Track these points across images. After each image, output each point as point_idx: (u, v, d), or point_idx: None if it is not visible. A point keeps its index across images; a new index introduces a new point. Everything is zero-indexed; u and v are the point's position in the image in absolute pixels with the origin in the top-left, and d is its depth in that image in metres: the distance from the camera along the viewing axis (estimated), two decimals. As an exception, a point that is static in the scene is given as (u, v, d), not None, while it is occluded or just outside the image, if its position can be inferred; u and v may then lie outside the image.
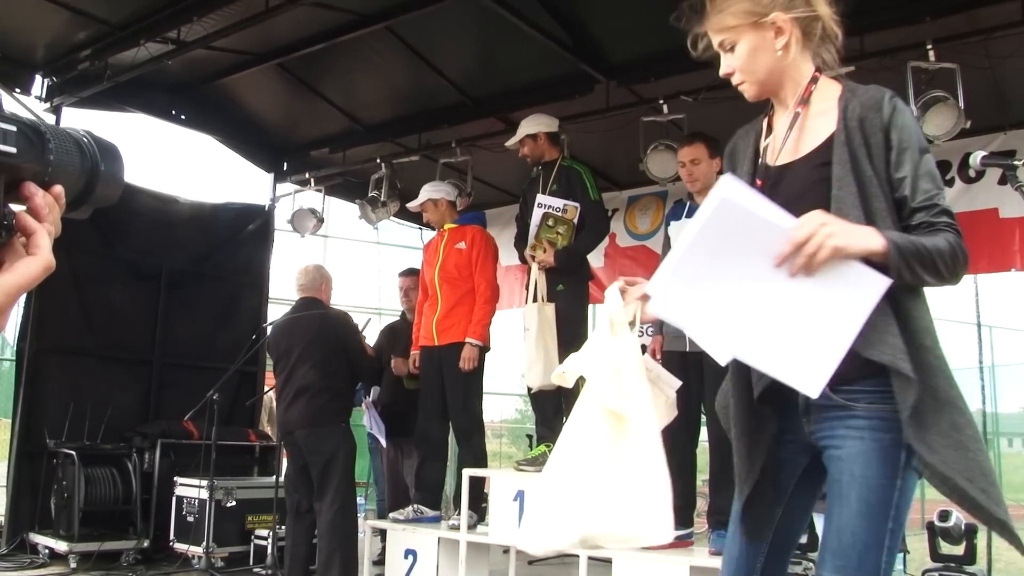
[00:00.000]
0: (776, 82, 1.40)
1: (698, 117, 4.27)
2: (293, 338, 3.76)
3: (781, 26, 1.36)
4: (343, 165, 5.69)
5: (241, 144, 5.76)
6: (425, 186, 4.14)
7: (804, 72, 1.40)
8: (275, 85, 5.10)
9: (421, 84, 4.88)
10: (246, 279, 5.82)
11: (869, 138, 1.27)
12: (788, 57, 1.37)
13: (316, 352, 3.70)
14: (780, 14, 1.36)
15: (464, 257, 3.88)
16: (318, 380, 3.66)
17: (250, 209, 5.97)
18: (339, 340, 3.76)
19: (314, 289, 3.90)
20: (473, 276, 3.86)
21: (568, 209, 3.67)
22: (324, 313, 3.83)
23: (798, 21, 1.36)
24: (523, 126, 3.85)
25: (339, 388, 3.73)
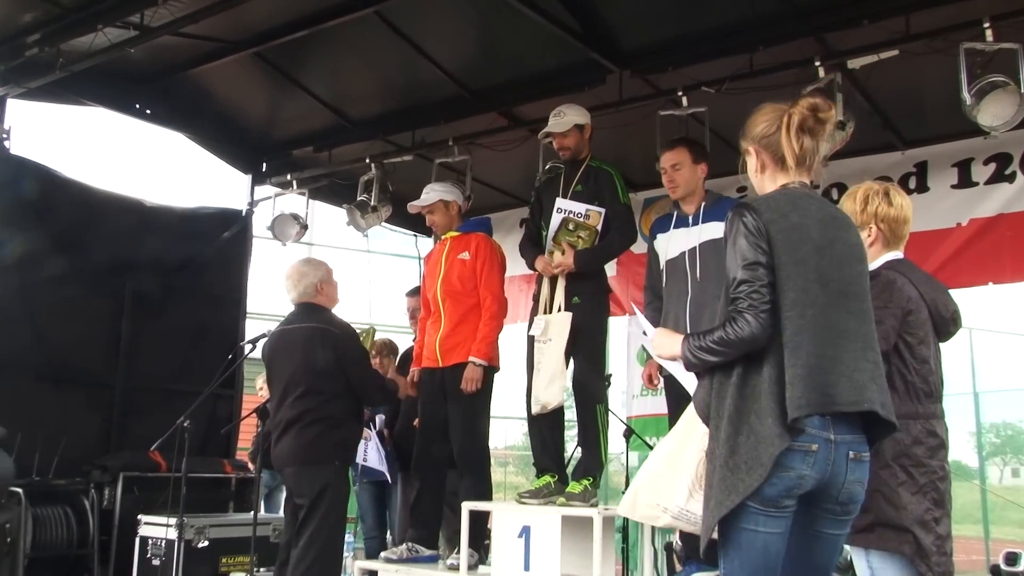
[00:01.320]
0: None
1: (721, 110, 4.28)
2: (283, 356, 3.61)
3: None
4: (329, 165, 5.70)
5: (214, 142, 5.77)
6: (433, 185, 4.08)
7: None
8: (252, 76, 5.09)
9: (414, 75, 4.90)
10: (221, 292, 5.80)
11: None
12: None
13: (307, 375, 3.52)
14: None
15: (468, 269, 3.86)
16: (311, 409, 3.51)
17: (225, 214, 5.95)
18: (335, 360, 3.54)
19: (309, 295, 3.66)
20: (478, 289, 3.84)
21: (591, 214, 3.65)
22: (315, 328, 3.59)
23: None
24: (568, 113, 3.72)
25: (337, 418, 3.55)
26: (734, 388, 1.83)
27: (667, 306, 3.39)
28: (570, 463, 3.91)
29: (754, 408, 1.79)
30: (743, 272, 1.83)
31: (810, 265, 1.85)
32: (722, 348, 1.83)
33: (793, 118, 1.94)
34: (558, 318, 3.54)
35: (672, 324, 3.27)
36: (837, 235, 1.92)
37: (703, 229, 3.36)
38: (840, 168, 4.70)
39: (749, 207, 1.88)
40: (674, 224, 3.47)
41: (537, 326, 3.57)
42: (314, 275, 3.70)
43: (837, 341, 1.83)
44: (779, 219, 1.86)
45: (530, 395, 3.56)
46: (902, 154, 4.88)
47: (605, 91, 4.45)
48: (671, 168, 3.41)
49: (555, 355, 3.48)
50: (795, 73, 3.97)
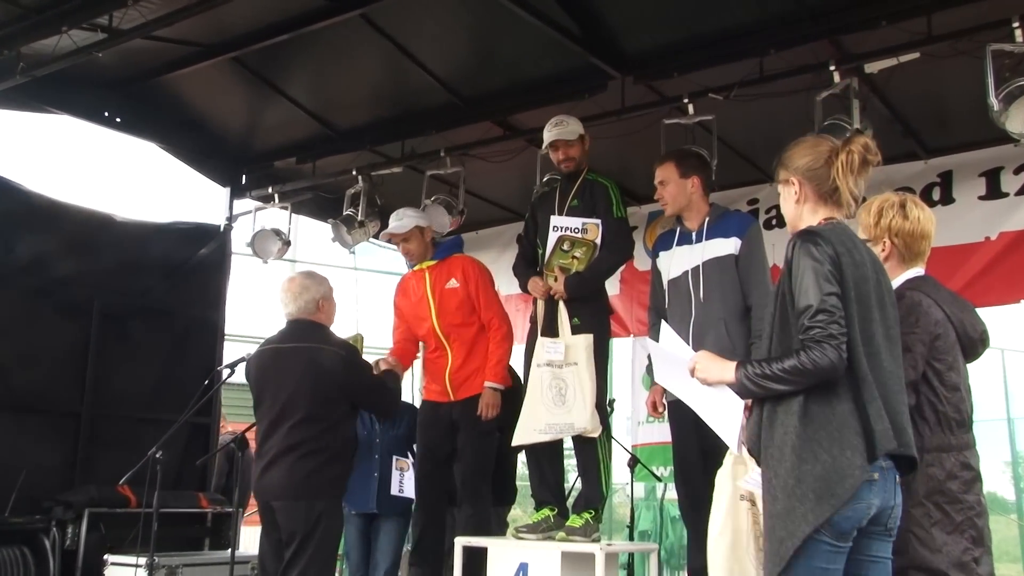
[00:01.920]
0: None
1: (730, 118, 4.28)
2: (278, 378, 3.53)
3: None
4: (313, 178, 5.69)
5: (190, 153, 5.75)
6: (405, 210, 4.09)
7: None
8: (230, 83, 5.07)
9: (404, 82, 4.88)
10: (197, 313, 5.76)
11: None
12: None
13: (307, 401, 3.44)
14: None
15: (463, 297, 3.89)
16: (311, 438, 3.43)
17: (202, 230, 5.92)
18: (341, 386, 3.49)
19: (308, 312, 3.59)
20: (480, 313, 3.88)
21: (588, 228, 3.68)
22: (318, 349, 3.52)
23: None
24: (572, 123, 3.78)
25: (336, 450, 3.49)
26: (797, 418, 1.89)
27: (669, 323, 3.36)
28: (570, 495, 3.91)
29: (825, 438, 1.86)
30: (821, 301, 1.88)
31: (869, 304, 1.96)
32: (795, 377, 1.89)
33: (853, 157, 2.04)
34: (579, 340, 3.55)
35: None
36: (879, 278, 2.04)
37: (707, 246, 3.35)
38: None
39: (821, 236, 1.96)
40: (677, 241, 3.47)
41: (553, 350, 3.56)
42: (317, 290, 3.64)
43: (890, 382, 1.96)
44: (846, 253, 1.96)
45: (527, 421, 3.55)
46: (925, 163, 4.86)
47: (606, 98, 4.45)
48: (660, 185, 3.47)
49: (588, 378, 3.50)
50: (809, 78, 3.97)
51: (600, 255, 3.67)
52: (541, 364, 3.57)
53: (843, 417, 1.88)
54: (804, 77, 3.96)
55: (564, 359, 3.53)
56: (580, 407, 3.48)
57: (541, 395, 3.55)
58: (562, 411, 3.50)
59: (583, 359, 3.52)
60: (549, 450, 3.62)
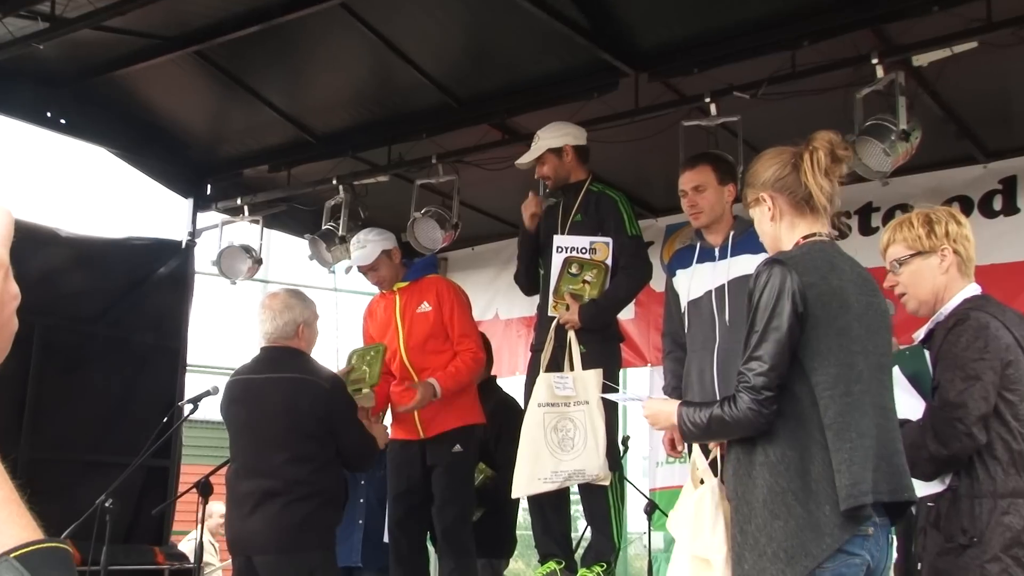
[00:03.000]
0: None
1: (757, 119, 4.26)
2: (254, 413, 3.51)
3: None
4: (288, 188, 5.69)
5: (146, 160, 5.70)
6: (365, 235, 4.12)
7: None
8: (194, 81, 5.04)
9: (390, 80, 4.89)
10: (155, 341, 5.70)
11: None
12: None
13: (291, 438, 3.41)
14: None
15: (433, 321, 3.95)
16: (300, 480, 3.38)
17: (161, 246, 5.89)
18: (319, 421, 3.45)
19: (286, 337, 3.56)
20: (451, 340, 3.94)
21: (598, 247, 3.70)
22: (301, 380, 3.49)
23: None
24: (543, 137, 3.88)
25: (331, 492, 3.46)
26: (767, 469, 1.94)
27: (690, 357, 3.39)
28: (579, 546, 3.99)
29: (800, 489, 1.91)
30: (763, 344, 1.96)
31: (852, 335, 1.98)
32: (718, 428, 2.03)
33: (818, 155, 2.07)
34: (588, 376, 3.57)
35: (696, 379, 3.28)
36: (870, 300, 2.06)
37: (732, 264, 3.34)
38: (905, 186, 4.65)
39: (784, 265, 2.00)
40: (697, 258, 3.46)
41: (561, 386, 3.58)
42: (300, 312, 3.61)
43: (883, 421, 1.99)
44: (819, 282, 1.98)
45: (529, 468, 3.55)
46: (984, 168, 4.82)
47: (618, 98, 4.43)
48: (693, 191, 3.42)
49: (599, 419, 3.52)
50: (847, 74, 3.93)
51: (616, 280, 3.70)
52: (544, 404, 3.57)
53: (822, 467, 1.90)
54: (843, 72, 3.93)
55: (577, 396, 3.54)
56: (592, 452, 3.48)
57: (545, 439, 3.54)
58: (569, 456, 3.50)
59: (594, 397, 3.51)
60: (554, 496, 3.64)
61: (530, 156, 3.86)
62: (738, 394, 1.97)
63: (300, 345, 3.61)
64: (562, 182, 3.87)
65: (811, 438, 1.92)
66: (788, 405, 1.98)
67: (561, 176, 3.87)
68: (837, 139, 2.11)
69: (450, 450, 3.85)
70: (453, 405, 3.92)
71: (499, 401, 4.72)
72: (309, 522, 3.35)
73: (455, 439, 3.89)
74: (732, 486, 2.05)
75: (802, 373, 1.98)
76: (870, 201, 4.98)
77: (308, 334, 3.64)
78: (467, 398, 4.04)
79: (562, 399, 3.55)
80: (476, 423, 4.03)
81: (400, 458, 3.96)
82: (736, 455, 2.05)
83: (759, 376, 1.95)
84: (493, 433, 4.49)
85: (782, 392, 1.98)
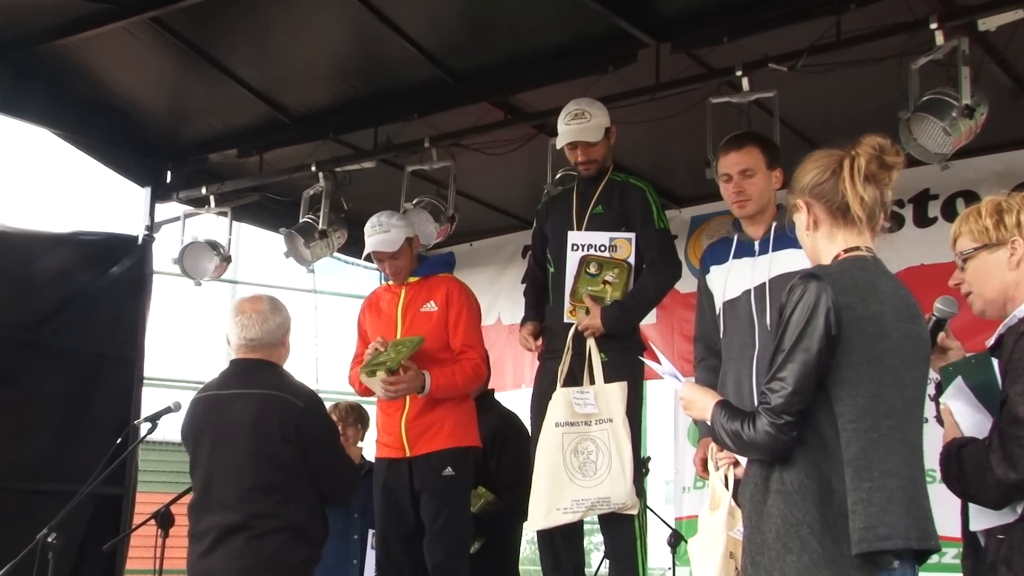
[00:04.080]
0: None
1: (796, 96, 4.26)
2: (219, 434, 3.52)
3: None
4: (260, 175, 5.66)
5: (97, 142, 5.65)
6: (388, 219, 4.09)
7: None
8: (150, 52, 4.98)
9: (377, 53, 4.86)
10: (107, 351, 5.66)
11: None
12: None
13: (261, 463, 3.43)
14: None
15: (437, 323, 3.96)
16: (267, 513, 3.40)
17: (114, 242, 5.82)
18: (291, 446, 3.45)
19: (272, 344, 3.58)
20: (454, 348, 3.95)
21: (619, 244, 3.74)
22: (271, 397, 3.50)
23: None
24: (595, 113, 3.82)
25: (303, 524, 3.46)
26: (779, 498, 2.02)
27: (725, 365, 3.40)
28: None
29: (816, 522, 1.97)
30: (788, 364, 2.03)
31: (886, 366, 2.04)
32: (736, 443, 2.10)
33: (859, 160, 2.12)
34: (612, 391, 3.61)
35: (732, 390, 3.26)
36: (910, 328, 2.11)
37: (774, 259, 3.33)
38: (968, 170, 4.63)
39: (821, 281, 2.05)
40: (734, 252, 3.44)
41: (582, 403, 3.61)
42: (287, 318, 3.65)
43: (913, 460, 2.05)
44: (857, 304, 2.03)
45: (547, 498, 3.59)
46: (1061, 148, 4.85)
47: (637, 72, 4.42)
48: (740, 175, 3.38)
49: (625, 439, 3.56)
50: (901, 41, 3.90)
51: (643, 278, 3.74)
52: (562, 423, 3.58)
53: (842, 501, 1.96)
54: (896, 39, 3.90)
55: (599, 414, 3.57)
56: (617, 477, 3.51)
57: (564, 464, 3.55)
58: (592, 483, 3.53)
59: (619, 414, 3.54)
60: (566, 525, 3.63)
61: (592, 134, 3.77)
62: (758, 414, 2.05)
63: (281, 356, 3.63)
64: (600, 169, 3.88)
65: (833, 470, 1.98)
66: (810, 433, 2.03)
67: (606, 161, 3.88)
68: (886, 143, 2.15)
69: (440, 473, 3.85)
70: (445, 422, 3.91)
71: (500, 417, 4.72)
72: (277, 560, 3.35)
73: (445, 460, 3.88)
74: (748, 512, 2.12)
75: (827, 401, 2.03)
76: (927, 188, 4.96)
77: (288, 343, 3.66)
78: (462, 416, 4.02)
79: (582, 417, 3.57)
80: (470, 446, 4.02)
81: (386, 480, 3.96)
82: (754, 479, 2.11)
83: (780, 399, 2.02)
84: (493, 453, 4.49)
85: (805, 418, 2.03)
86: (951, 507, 2.36)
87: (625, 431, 3.54)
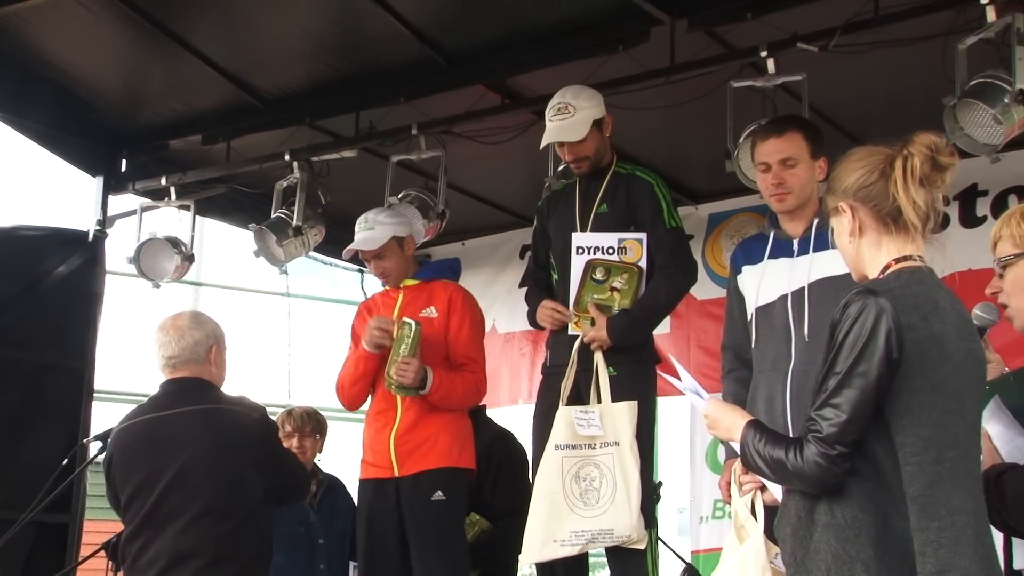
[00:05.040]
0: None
1: (828, 80, 4.30)
2: (160, 457, 3.57)
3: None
4: (227, 165, 5.68)
5: (41, 126, 5.61)
6: (376, 215, 4.15)
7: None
8: (103, 24, 4.96)
9: (359, 29, 4.88)
10: (52, 360, 5.68)
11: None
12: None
13: (208, 484, 3.51)
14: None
15: (436, 331, 3.98)
16: (217, 538, 3.47)
17: (60, 238, 5.82)
18: (253, 461, 3.57)
19: (195, 361, 3.67)
20: (453, 360, 3.99)
21: (628, 245, 3.77)
22: (220, 410, 3.64)
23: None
24: (582, 106, 3.83)
25: (251, 554, 3.55)
26: (830, 532, 2.02)
27: (757, 378, 3.40)
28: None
29: (872, 560, 1.97)
30: (844, 390, 2.02)
31: (948, 391, 2.04)
32: (778, 472, 2.11)
33: (912, 160, 2.11)
34: (620, 411, 3.61)
35: (763, 406, 3.26)
36: (970, 348, 2.11)
37: (815, 261, 3.31)
38: (1022, 164, 4.67)
39: (881, 298, 2.05)
40: (770, 252, 3.43)
41: (586, 423, 3.62)
42: (213, 330, 3.74)
43: (977, 494, 2.06)
44: (919, 324, 2.03)
45: (544, 528, 3.61)
46: None
47: (649, 52, 4.41)
48: (780, 164, 3.36)
49: (632, 465, 3.58)
50: (948, 17, 3.91)
51: (653, 284, 3.74)
52: (562, 445, 3.59)
53: (901, 539, 1.97)
54: (941, 16, 3.91)
55: (605, 435, 3.56)
56: (622, 506, 3.51)
57: (564, 491, 3.56)
58: (593, 512, 3.54)
59: (626, 437, 3.55)
60: (571, 559, 3.66)
61: (575, 134, 3.79)
62: (806, 443, 2.04)
63: (210, 373, 3.69)
64: (596, 165, 3.90)
65: (892, 504, 1.99)
66: (865, 464, 2.03)
67: (599, 157, 3.90)
68: (941, 142, 2.15)
69: (429, 497, 3.86)
70: (439, 439, 3.93)
71: (494, 437, 4.73)
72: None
73: (436, 482, 3.89)
74: (790, 548, 2.11)
75: (885, 430, 2.02)
76: (975, 183, 4.97)
77: (219, 359, 3.73)
78: (458, 434, 4.03)
79: (586, 440, 3.58)
80: (465, 468, 4.04)
81: (373, 504, 3.98)
82: (796, 511, 2.10)
83: (834, 428, 2.01)
84: (488, 476, 4.51)
85: (858, 448, 2.03)
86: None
87: (633, 456, 3.55)
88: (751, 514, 2.40)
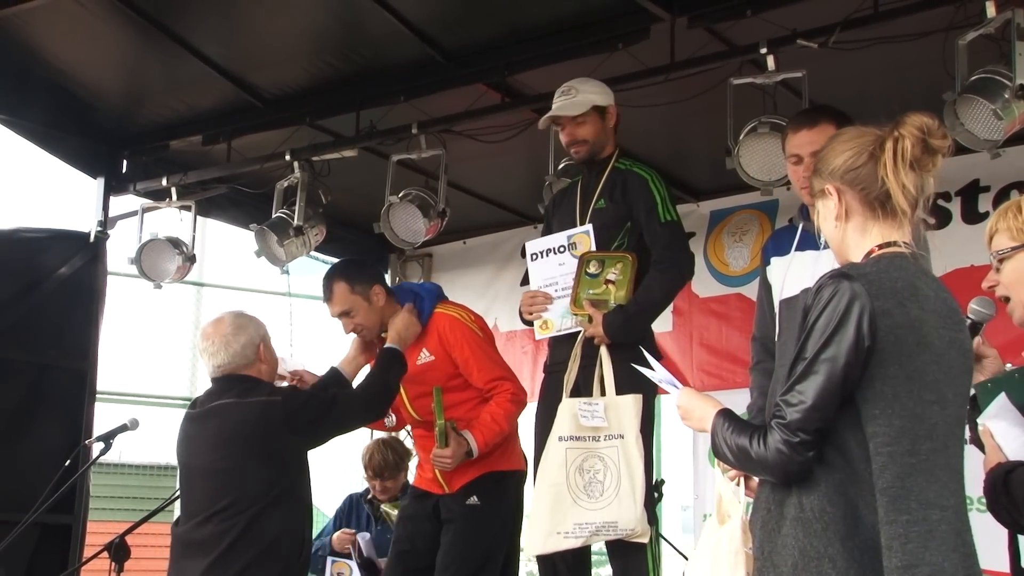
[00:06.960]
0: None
1: (829, 77, 4.28)
2: (192, 448, 3.68)
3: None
4: (228, 165, 5.69)
5: (41, 127, 5.63)
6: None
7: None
8: (103, 24, 4.98)
9: (359, 28, 4.91)
10: (55, 362, 5.68)
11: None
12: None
13: (219, 483, 3.55)
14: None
15: (440, 371, 3.97)
16: (235, 524, 3.48)
17: (62, 240, 5.83)
18: (248, 449, 3.59)
19: (245, 364, 3.68)
20: (478, 387, 3.96)
21: (579, 240, 3.78)
22: (231, 405, 3.63)
23: None
24: (583, 90, 3.86)
25: (270, 539, 3.52)
26: (797, 527, 1.99)
27: (779, 369, 3.35)
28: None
29: (840, 555, 1.94)
30: (810, 375, 1.98)
31: (927, 381, 1.99)
32: (742, 460, 2.09)
33: (903, 144, 2.06)
34: (625, 403, 3.60)
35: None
36: (954, 336, 2.07)
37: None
38: (1022, 159, 4.63)
39: (855, 282, 2.00)
40: (797, 244, 3.38)
41: (590, 415, 3.62)
42: (257, 329, 3.74)
43: (956, 489, 2.02)
44: (895, 310, 1.99)
45: (546, 520, 3.61)
46: None
47: (650, 50, 4.43)
48: (812, 157, 3.34)
49: (637, 458, 3.56)
50: (947, 13, 3.90)
51: (648, 279, 3.73)
52: (566, 437, 3.58)
53: (871, 533, 1.93)
54: (941, 11, 3.90)
55: (610, 428, 3.56)
56: (626, 499, 3.50)
57: (567, 482, 3.56)
58: (598, 505, 3.52)
59: (631, 430, 3.53)
60: (572, 555, 3.68)
61: (575, 108, 3.79)
62: (770, 429, 2.01)
63: (259, 370, 3.70)
64: (596, 153, 3.89)
65: (862, 497, 1.94)
66: (835, 454, 1.98)
67: (599, 145, 3.88)
68: (932, 124, 2.09)
69: (464, 502, 3.90)
70: (484, 455, 3.94)
71: None
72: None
73: (472, 489, 3.92)
74: (759, 541, 2.09)
75: (857, 420, 1.98)
76: (976, 179, 4.95)
77: (268, 355, 3.75)
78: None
79: (589, 431, 3.57)
80: (508, 469, 4.02)
81: (413, 510, 4.08)
82: (766, 503, 2.07)
83: (797, 414, 1.97)
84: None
85: (827, 438, 1.98)
86: (995, 538, 2.34)
87: (638, 449, 3.53)
88: (735, 497, 2.35)
